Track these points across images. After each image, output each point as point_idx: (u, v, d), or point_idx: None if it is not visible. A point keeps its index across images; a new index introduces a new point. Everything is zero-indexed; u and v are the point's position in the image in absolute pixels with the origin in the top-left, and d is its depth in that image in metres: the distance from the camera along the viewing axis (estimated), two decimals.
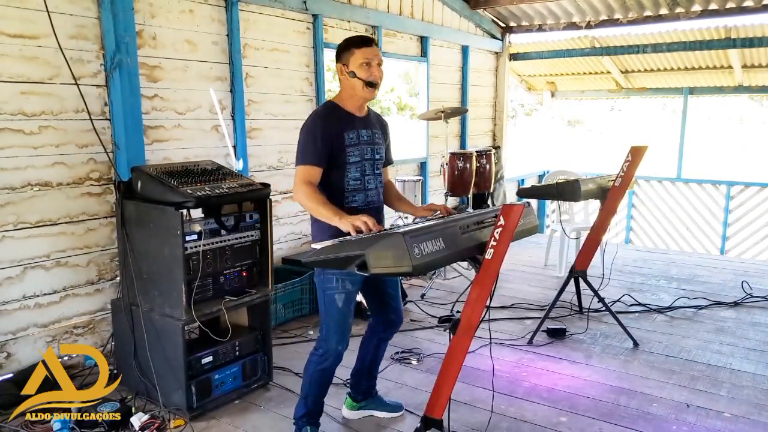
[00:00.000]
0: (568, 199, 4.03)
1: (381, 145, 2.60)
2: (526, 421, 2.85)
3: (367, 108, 2.60)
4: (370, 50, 2.40)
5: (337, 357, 2.50)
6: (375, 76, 2.41)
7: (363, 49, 2.40)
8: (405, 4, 5.64)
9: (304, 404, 2.59)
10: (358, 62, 2.39)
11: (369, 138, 2.52)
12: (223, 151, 4.01)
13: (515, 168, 9.26)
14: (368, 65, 2.40)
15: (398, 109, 19.98)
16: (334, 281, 2.41)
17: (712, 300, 4.59)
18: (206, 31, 3.82)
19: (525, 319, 4.24)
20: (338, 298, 2.42)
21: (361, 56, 2.39)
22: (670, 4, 6.07)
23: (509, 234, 1.96)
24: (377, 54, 2.42)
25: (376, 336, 2.77)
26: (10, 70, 2.93)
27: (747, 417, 2.88)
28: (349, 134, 2.44)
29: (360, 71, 2.40)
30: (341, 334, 2.47)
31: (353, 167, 2.46)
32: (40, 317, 3.13)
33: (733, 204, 7.21)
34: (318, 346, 2.53)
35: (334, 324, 2.45)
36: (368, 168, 2.51)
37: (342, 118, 2.46)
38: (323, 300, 2.46)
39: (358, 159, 2.47)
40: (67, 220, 3.21)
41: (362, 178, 2.49)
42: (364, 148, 2.49)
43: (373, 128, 2.57)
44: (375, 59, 2.40)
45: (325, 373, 2.55)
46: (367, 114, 2.59)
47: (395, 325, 2.75)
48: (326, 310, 2.46)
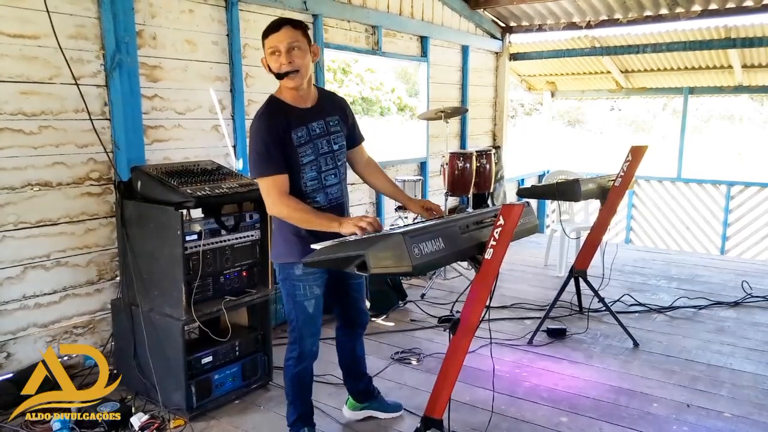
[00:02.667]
0: (568, 199, 4.03)
1: (339, 133, 2.41)
2: (527, 422, 2.85)
3: (316, 93, 2.38)
4: (275, 37, 2.18)
5: (312, 356, 2.50)
6: (280, 66, 2.19)
7: (268, 38, 2.20)
8: (405, 4, 5.63)
9: (294, 409, 2.57)
10: (267, 54, 2.22)
11: (322, 130, 2.34)
12: (223, 151, 4.01)
13: (515, 168, 9.25)
14: (273, 54, 2.19)
15: (398, 109, 19.98)
16: (302, 288, 2.37)
17: (713, 300, 4.59)
18: (206, 31, 3.82)
19: (525, 319, 4.23)
20: (308, 304, 2.40)
21: (267, 47, 2.21)
22: (670, 4, 6.07)
23: (509, 234, 1.96)
24: (281, 39, 2.16)
25: (347, 342, 2.75)
26: (10, 70, 2.93)
27: (747, 417, 2.88)
28: (298, 132, 2.27)
29: (270, 63, 2.22)
30: (313, 335, 2.47)
31: (308, 167, 2.29)
32: (40, 317, 3.13)
33: (733, 204, 7.20)
34: (291, 350, 2.49)
35: (307, 327, 2.44)
36: (325, 163, 2.35)
37: (287, 114, 2.27)
38: (293, 306, 2.41)
39: (313, 157, 2.30)
40: (67, 220, 3.20)
41: (319, 176, 2.34)
42: (317, 143, 2.31)
43: (327, 116, 2.37)
44: (281, 45, 2.17)
45: (304, 373, 2.53)
46: (318, 100, 2.37)
47: (362, 325, 2.74)
48: (296, 316, 2.42)
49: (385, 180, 2.65)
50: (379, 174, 2.65)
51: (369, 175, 2.64)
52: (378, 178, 2.65)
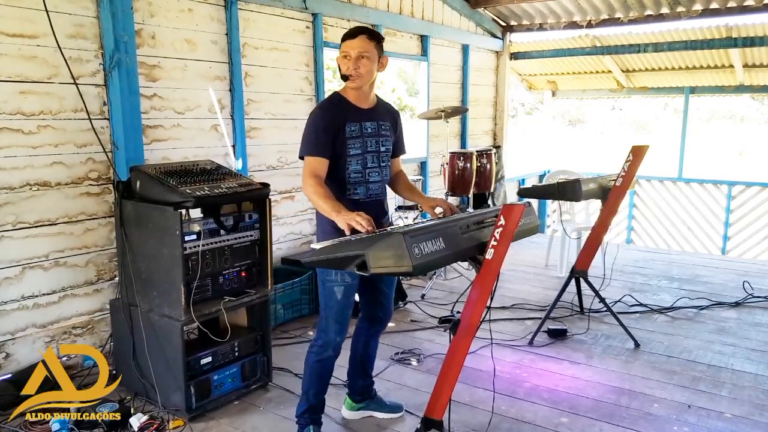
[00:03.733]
0: (569, 199, 4.02)
1: (388, 137, 2.59)
2: (527, 422, 2.84)
3: (375, 98, 2.59)
4: (349, 43, 2.40)
5: (336, 348, 2.53)
6: (347, 69, 2.41)
7: (344, 43, 2.43)
8: (405, 3, 5.63)
9: (306, 399, 2.60)
10: (340, 55, 2.44)
11: (374, 130, 2.52)
12: (222, 150, 4.00)
13: (516, 168, 9.25)
14: (345, 57, 2.42)
15: (398, 109, 19.98)
16: (333, 273, 2.44)
17: (714, 300, 4.58)
18: (205, 30, 3.81)
19: (526, 319, 4.22)
20: (338, 290, 2.45)
21: (342, 49, 2.44)
22: (671, 4, 6.06)
23: (510, 234, 1.95)
24: (354, 46, 2.40)
25: (363, 334, 2.78)
26: (9, 69, 2.92)
27: (748, 417, 2.87)
28: (351, 126, 2.45)
29: (341, 64, 2.45)
30: (340, 325, 2.50)
31: (354, 159, 2.46)
32: (38, 317, 3.12)
33: (734, 204, 7.20)
34: (317, 337, 2.55)
35: (334, 315, 2.48)
36: (370, 160, 2.51)
37: (346, 109, 2.47)
38: (323, 292, 2.49)
39: (360, 151, 2.47)
40: (65, 220, 3.20)
41: (363, 171, 2.49)
42: (367, 141, 2.49)
43: (381, 120, 2.56)
44: (352, 51, 2.39)
45: (325, 364, 2.56)
46: (375, 105, 2.58)
47: (382, 322, 2.76)
48: (326, 303, 2.49)
49: (410, 189, 2.78)
50: (406, 185, 2.79)
51: (398, 184, 2.78)
52: (404, 188, 2.78)
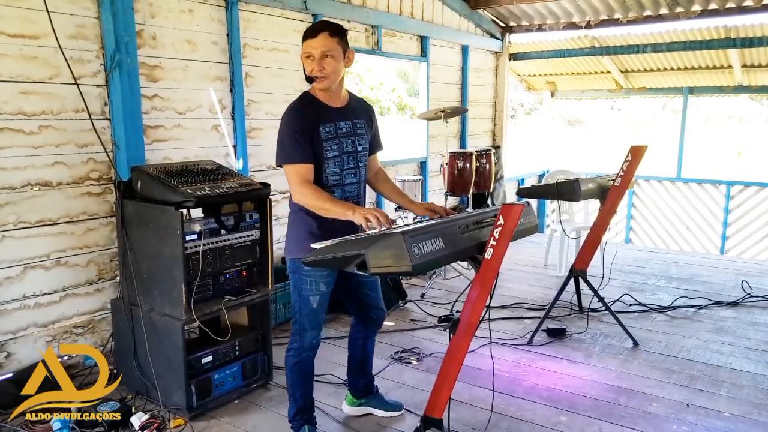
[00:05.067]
0: (568, 199, 4.03)
1: (364, 135, 2.50)
2: (526, 421, 2.85)
3: (347, 95, 2.50)
4: (311, 42, 2.28)
5: (312, 349, 2.55)
6: (312, 70, 2.29)
7: (305, 42, 2.31)
8: (405, 3, 5.63)
9: (294, 401, 2.60)
10: (303, 55, 2.33)
11: (349, 129, 2.44)
12: (223, 150, 4.01)
13: (515, 168, 9.25)
14: (308, 58, 2.30)
15: (398, 109, 19.99)
16: (308, 283, 2.44)
17: (712, 300, 4.59)
18: (206, 30, 3.82)
19: (525, 318, 4.24)
20: (312, 299, 2.46)
21: (303, 49, 2.32)
22: (669, 4, 6.07)
23: (509, 233, 1.96)
24: (316, 45, 2.27)
25: (360, 336, 2.78)
26: (10, 69, 2.93)
27: (747, 416, 2.88)
28: (326, 127, 2.36)
29: (304, 65, 2.33)
30: (314, 328, 2.52)
31: (331, 162, 2.38)
32: (40, 317, 3.13)
33: (732, 204, 7.21)
34: (292, 341, 2.55)
35: (308, 321, 2.50)
36: (347, 162, 2.44)
37: (318, 109, 2.37)
38: (298, 299, 2.49)
39: (337, 153, 2.39)
40: (67, 220, 3.21)
41: (341, 173, 2.43)
42: (343, 141, 2.41)
43: (355, 118, 2.47)
44: (315, 51, 2.27)
45: (304, 365, 2.56)
46: (348, 103, 2.48)
47: (376, 322, 2.76)
48: (300, 309, 2.49)
49: (392, 188, 2.73)
50: (388, 183, 2.73)
51: (377, 182, 2.71)
52: (386, 187, 2.73)
